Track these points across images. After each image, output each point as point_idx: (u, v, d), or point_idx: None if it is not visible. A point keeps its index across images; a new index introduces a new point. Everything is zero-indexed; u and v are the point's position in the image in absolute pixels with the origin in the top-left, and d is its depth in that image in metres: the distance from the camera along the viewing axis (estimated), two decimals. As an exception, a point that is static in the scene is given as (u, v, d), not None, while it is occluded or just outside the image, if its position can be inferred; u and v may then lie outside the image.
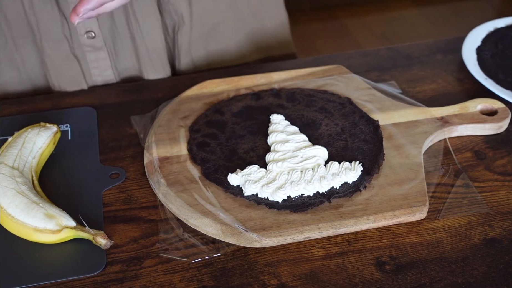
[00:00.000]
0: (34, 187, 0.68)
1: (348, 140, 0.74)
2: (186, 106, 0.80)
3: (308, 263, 0.62)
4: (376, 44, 2.44)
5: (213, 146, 0.73)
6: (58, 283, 0.61)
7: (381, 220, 0.65)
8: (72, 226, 0.63)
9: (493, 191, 0.70)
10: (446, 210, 0.68)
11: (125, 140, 0.78)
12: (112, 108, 0.83)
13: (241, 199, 0.67)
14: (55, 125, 0.75)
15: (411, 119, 0.78)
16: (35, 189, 0.67)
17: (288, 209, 0.65)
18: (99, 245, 0.62)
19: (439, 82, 0.88)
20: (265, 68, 0.93)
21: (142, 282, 0.61)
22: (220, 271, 0.62)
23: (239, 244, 0.63)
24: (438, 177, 0.72)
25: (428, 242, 0.64)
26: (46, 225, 0.62)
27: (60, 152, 0.75)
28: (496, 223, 0.66)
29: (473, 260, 0.62)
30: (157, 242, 0.64)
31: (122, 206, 0.69)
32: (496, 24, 0.97)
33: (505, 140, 0.77)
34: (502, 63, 0.89)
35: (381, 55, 0.94)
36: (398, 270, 0.61)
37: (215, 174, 0.70)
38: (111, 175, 0.72)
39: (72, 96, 0.85)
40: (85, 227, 0.63)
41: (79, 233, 0.63)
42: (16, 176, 0.66)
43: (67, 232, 0.63)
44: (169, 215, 0.67)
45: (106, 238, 0.62)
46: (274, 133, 0.74)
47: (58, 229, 0.62)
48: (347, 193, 0.67)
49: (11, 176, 0.65)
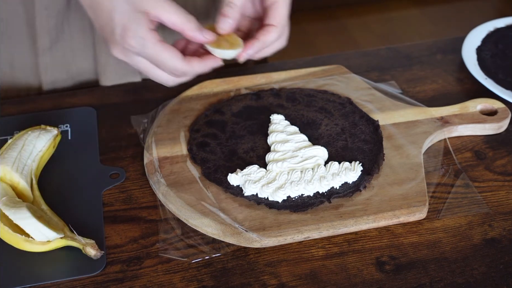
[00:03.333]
0: (33, 190, 0.68)
1: (348, 140, 0.74)
2: (186, 106, 0.80)
3: (308, 263, 0.62)
4: (376, 44, 2.44)
5: (213, 146, 0.73)
6: (58, 283, 0.61)
7: (381, 220, 0.65)
8: (60, 237, 0.62)
9: (493, 191, 0.70)
10: (446, 210, 0.68)
11: (125, 140, 0.78)
12: (112, 108, 0.83)
13: (241, 199, 0.67)
14: (55, 128, 0.75)
15: (411, 119, 0.78)
16: (32, 193, 0.67)
17: (288, 209, 0.65)
18: (88, 255, 0.61)
19: (439, 82, 0.88)
20: (265, 68, 0.93)
21: (142, 282, 0.61)
22: (220, 271, 0.62)
23: (239, 244, 0.63)
24: (438, 177, 0.72)
25: (428, 242, 0.64)
26: None
27: (60, 152, 0.75)
28: (496, 223, 0.66)
29: (473, 260, 0.62)
30: (157, 242, 0.64)
31: (122, 206, 0.69)
32: (496, 24, 0.97)
33: (505, 140, 0.77)
34: (502, 63, 0.89)
35: (381, 55, 0.94)
36: (398, 270, 0.61)
37: (215, 174, 0.70)
38: (111, 175, 0.72)
39: (72, 96, 0.85)
40: (75, 236, 0.62)
41: (70, 242, 0.62)
42: None
43: (57, 242, 0.62)
44: (169, 215, 0.67)
45: (96, 248, 0.61)
46: (274, 133, 0.74)
47: (47, 240, 0.62)
48: (347, 193, 0.67)
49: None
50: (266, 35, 0.70)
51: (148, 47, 0.63)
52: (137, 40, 0.62)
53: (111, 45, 0.65)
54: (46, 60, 0.89)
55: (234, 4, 0.68)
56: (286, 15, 0.71)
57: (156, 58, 0.64)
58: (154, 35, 0.63)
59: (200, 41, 0.66)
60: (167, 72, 0.66)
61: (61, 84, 0.92)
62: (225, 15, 0.68)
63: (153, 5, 0.63)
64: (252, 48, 0.69)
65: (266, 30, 0.70)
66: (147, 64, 0.65)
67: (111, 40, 0.64)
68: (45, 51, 0.88)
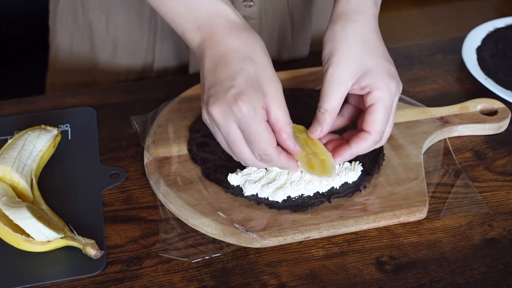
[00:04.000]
0: (33, 190, 0.68)
1: (348, 140, 0.74)
2: (186, 106, 0.80)
3: (308, 263, 0.62)
4: (376, 44, 2.44)
5: (213, 146, 0.73)
6: (58, 283, 0.61)
7: (381, 220, 0.65)
8: (60, 237, 0.62)
9: (493, 191, 0.70)
10: (446, 210, 0.68)
11: (125, 140, 0.78)
12: (112, 108, 0.83)
13: (241, 199, 0.67)
14: (55, 128, 0.75)
15: (411, 119, 0.78)
16: (33, 193, 0.67)
17: (288, 209, 0.65)
18: (89, 255, 0.61)
19: (439, 82, 0.88)
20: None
21: (142, 282, 0.61)
22: (220, 271, 0.62)
23: (239, 244, 0.63)
24: (438, 177, 0.71)
25: (428, 242, 0.64)
26: None
27: (60, 152, 0.75)
28: (496, 223, 0.66)
29: (473, 260, 0.62)
30: (157, 242, 0.64)
31: (122, 206, 0.69)
32: (496, 24, 0.97)
33: (505, 140, 0.77)
34: (502, 63, 0.89)
35: (381, 55, 0.94)
36: (398, 270, 0.61)
37: (215, 174, 0.70)
38: (111, 175, 0.72)
39: (72, 96, 0.85)
40: (75, 236, 0.62)
41: (70, 242, 0.62)
42: None
43: (57, 242, 0.62)
44: (169, 215, 0.67)
45: (96, 248, 0.61)
46: (274, 133, 0.73)
47: (47, 240, 0.62)
48: (347, 193, 0.67)
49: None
50: (359, 144, 0.65)
51: (254, 121, 0.60)
52: (248, 108, 0.59)
53: (216, 102, 0.60)
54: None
55: (326, 110, 0.65)
56: (385, 119, 0.64)
57: (254, 134, 0.60)
58: (264, 114, 0.61)
59: (289, 149, 0.64)
60: (255, 152, 0.62)
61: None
62: (319, 122, 0.66)
63: (272, 93, 0.61)
64: (341, 159, 0.66)
65: (360, 137, 0.65)
66: (238, 136, 0.61)
67: (219, 97, 0.60)
68: None
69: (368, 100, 0.64)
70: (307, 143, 0.67)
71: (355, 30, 0.65)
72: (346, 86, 0.65)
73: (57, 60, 0.98)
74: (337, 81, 0.64)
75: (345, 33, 0.65)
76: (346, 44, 0.65)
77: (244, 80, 0.60)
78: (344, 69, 0.64)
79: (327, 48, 0.66)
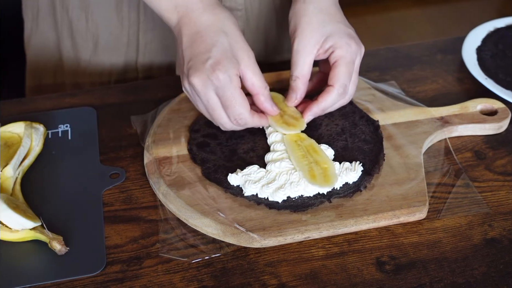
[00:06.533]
0: (15, 184, 0.68)
1: (348, 140, 0.74)
2: (186, 106, 0.80)
3: (308, 263, 0.62)
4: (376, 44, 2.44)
5: (213, 146, 0.73)
6: (58, 283, 0.61)
7: (381, 220, 0.65)
8: (29, 228, 0.62)
9: (493, 191, 0.70)
10: (446, 210, 0.68)
11: (125, 140, 0.78)
12: (112, 108, 0.83)
13: (241, 199, 0.67)
14: (41, 124, 0.75)
15: (411, 119, 0.78)
16: (14, 187, 0.68)
17: (288, 209, 0.65)
18: (53, 249, 0.62)
19: (439, 82, 0.88)
20: (266, 68, 0.93)
21: (142, 282, 0.61)
22: (220, 271, 0.62)
23: (239, 244, 0.63)
24: (438, 177, 0.72)
25: (428, 242, 0.64)
26: None
27: (60, 152, 0.75)
28: (496, 223, 0.66)
29: (473, 260, 0.62)
30: (157, 242, 0.64)
31: (122, 206, 0.69)
32: (496, 24, 0.97)
33: (505, 140, 0.77)
34: (502, 63, 0.89)
35: (381, 55, 0.94)
36: (398, 270, 0.61)
37: (215, 174, 0.70)
38: (111, 175, 0.72)
39: (72, 96, 0.85)
40: (44, 230, 0.63)
41: (37, 235, 0.63)
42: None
43: (24, 233, 0.63)
44: (169, 215, 0.67)
45: (62, 244, 0.62)
46: (274, 133, 0.74)
47: (16, 229, 0.62)
48: (348, 193, 0.67)
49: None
50: (325, 97, 0.71)
51: (230, 87, 0.66)
52: (225, 76, 0.65)
53: (195, 72, 0.66)
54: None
55: (297, 77, 0.72)
56: (347, 74, 0.71)
57: (230, 100, 0.66)
58: (239, 81, 0.67)
59: (266, 111, 0.71)
60: (231, 117, 0.68)
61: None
62: (293, 89, 0.73)
63: (245, 60, 0.67)
64: (310, 113, 0.73)
65: (326, 91, 0.72)
66: (217, 103, 0.67)
67: (199, 68, 0.66)
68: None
69: (331, 59, 0.71)
70: (309, 151, 0.69)
71: (314, 4, 0.72)
72: (312, 52, 0.71)
73: (38, 62, 0.98)
74: (303, 49, 0.71)
75: (306, 8, 0.72)
76: (307, 16, 0.72)
77: (219, 52, 0.66)
78: (308, 38, 0.71)
79: (292, 24, 0.73)
